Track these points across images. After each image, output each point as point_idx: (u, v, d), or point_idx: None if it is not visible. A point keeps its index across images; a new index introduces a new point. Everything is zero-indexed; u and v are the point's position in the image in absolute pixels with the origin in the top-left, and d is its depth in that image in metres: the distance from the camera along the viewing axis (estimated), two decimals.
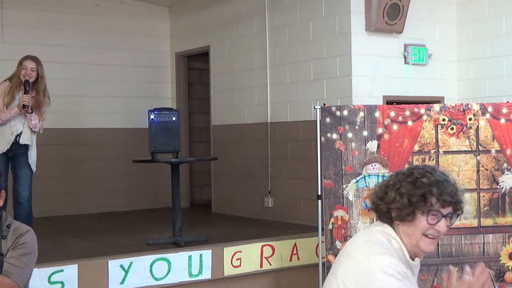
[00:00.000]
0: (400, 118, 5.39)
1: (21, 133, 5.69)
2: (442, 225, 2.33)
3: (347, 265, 2.32)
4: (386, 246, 2.32)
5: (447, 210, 2.33)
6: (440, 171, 2.39)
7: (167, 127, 6.37)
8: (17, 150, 5.71)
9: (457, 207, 2.35)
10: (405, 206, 2.32)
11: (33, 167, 5.79)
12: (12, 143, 5.69)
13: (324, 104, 5.54)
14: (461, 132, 5.37)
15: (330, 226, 5.36)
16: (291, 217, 7.55)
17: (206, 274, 5.88)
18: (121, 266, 5.51)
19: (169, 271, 5.71)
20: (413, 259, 2.38)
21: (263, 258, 6.17)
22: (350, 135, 5.37)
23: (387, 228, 2.39)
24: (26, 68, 5.67)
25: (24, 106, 5.55)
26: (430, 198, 2.31)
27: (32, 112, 5.62)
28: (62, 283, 5.23)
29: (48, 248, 5.93)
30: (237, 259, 6.03)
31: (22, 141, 5.69)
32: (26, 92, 5.60)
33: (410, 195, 2.32)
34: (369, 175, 5.34)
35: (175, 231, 6.28)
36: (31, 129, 5.70)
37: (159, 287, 5.67)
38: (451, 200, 2.32)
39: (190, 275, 5.81)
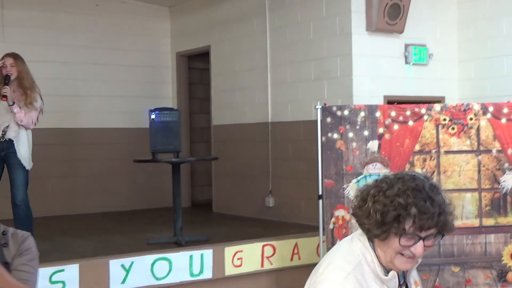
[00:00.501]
0: (401, 118, 5.38)
1: (8, 127, 5.69)
2: (419, 247, 2.10)
3: (312, 274, 2.25)
4: (349, 260, 2.16)
5: (427, 232, 2.09)
6: (431, 185, 2.11)
7: (168, 127, 6.37)
8: (8, 149, 5.70)
9: (441, 228, 2.11)
10: (378, 225, 2.10)
11: (25, 164, 5.74)
12: (2, 141, 5.68)
13: (325, 104, 5.53)
14: (462, 132, 5.36)
15: (331, 226, 5.35)
16: (292, 217, 7.55)
17: (207, 274, 5.88)
18: (122, 266, 5.50)
19: (170, 270, 5.71)
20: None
21: (264, 258, 6.17)
22: (351, 135, 5.36)
23: (364, 238, 2.20)
24: (6, 66, 5.74)
25: (3, 96, 5.58)
26: (404, 222, 2.06)
27: (13, 104, 5.61)
28: (63, 282, 5.23)
29: (49, 248, 5.93)
30: (238, 259, 6.03)
31: (8, 135, 5.68)
32: (6, 85, 5.63)
33: (383, 213, 2.08)
34: (370, 175, 5.33)
35: (176, 230, 6.28)
36: (18, 123, 5.70)
37: (160, 287, 5.67)
38: (430, 225, 2.07)
39: (191, 274, 5.81)
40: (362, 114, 5.37)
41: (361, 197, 2.20)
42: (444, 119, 5.36)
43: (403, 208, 2.06)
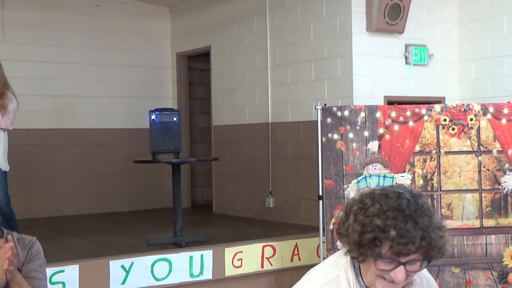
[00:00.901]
0: (401, 119, 5.38)
1: None
2: (398, 273, 1.90)
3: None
4: (328, 273, 2.07)
5: (408, 257, 1.89)
6: (417, 206, 1.90)
7: (168, 127, 6.36)
8: None
9: (426, 254, 1.90)
10: (356, 246, 1.94)
11: (0, 166, 5.63)
12: None
13: (325, 105, 5.53)
14: (462, 133, 5.36)
15: (331, 227, 5.35)
16: (292, 218, 7.54)
17: (207, 275, 5.88)
18: (122, 267, 5.50)
19: (170, 271, 5.70)
20: None
21: (264, 259, 6.17)
22: (351, 135, 5.36)
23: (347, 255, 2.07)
24: None
25: None
26: (381, 245, 1.88)
27: None
28: (63, 283, 5.22)
29: (49, 249, 5.87)
30: (238, 260, 6.02)
31: None
32: None
33: (361, 234, 1.91)
34: (370, 176, 5.33)
35: (176, 231, 6.27)
36: None
37: None
38: (410, 250, 1.86)
39: (191, 275, 5.81)
40: (362, 114, 5.36)
41: (345, 212, 2.03)
42: (445, 120, 5.36)
43: (380, 231, 1.87)
